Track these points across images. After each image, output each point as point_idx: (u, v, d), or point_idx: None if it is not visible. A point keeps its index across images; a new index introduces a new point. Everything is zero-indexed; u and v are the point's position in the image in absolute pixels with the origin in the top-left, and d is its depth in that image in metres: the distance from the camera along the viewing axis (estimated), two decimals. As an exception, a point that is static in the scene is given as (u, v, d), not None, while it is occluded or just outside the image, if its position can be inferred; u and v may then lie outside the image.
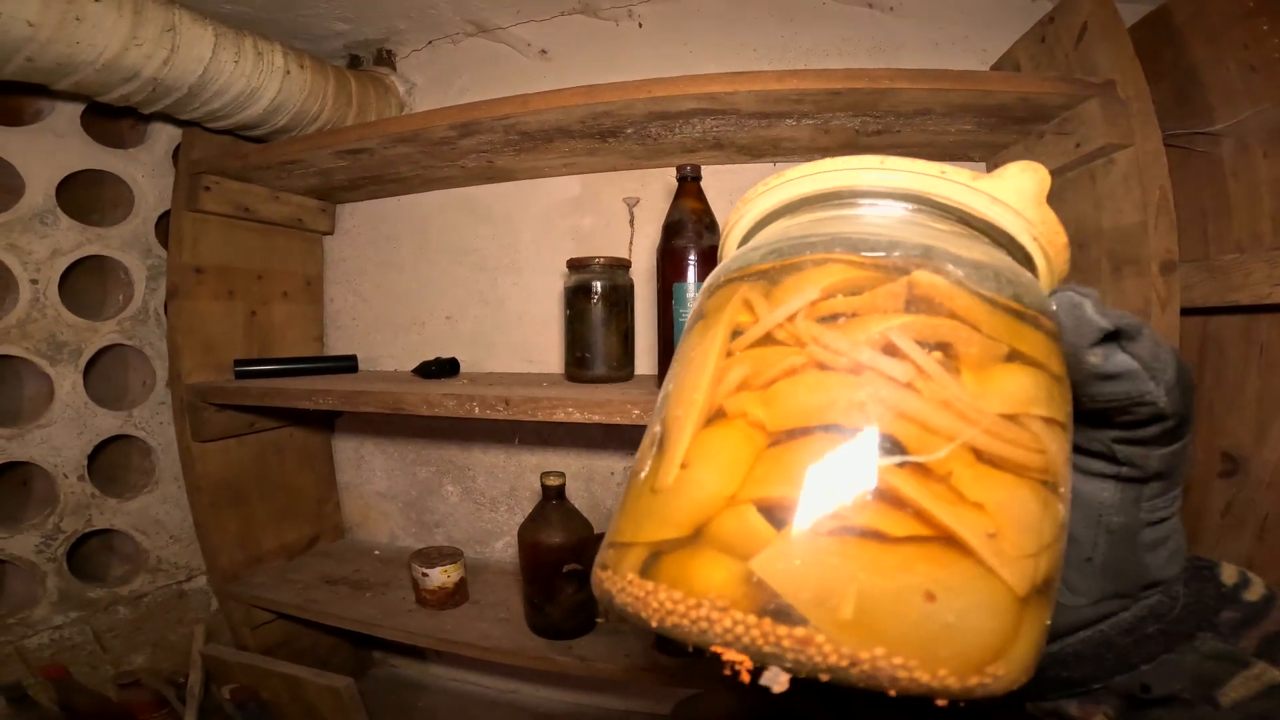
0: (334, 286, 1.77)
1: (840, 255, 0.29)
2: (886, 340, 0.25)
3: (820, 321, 0.27)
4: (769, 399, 0.26)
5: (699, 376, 0.28)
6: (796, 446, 0.24)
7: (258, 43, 1.24)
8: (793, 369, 0.26)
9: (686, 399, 0.28)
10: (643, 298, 1.37)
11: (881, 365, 0.25)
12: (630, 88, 1.05)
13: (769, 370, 0.26)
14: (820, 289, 0.27)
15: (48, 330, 1.30)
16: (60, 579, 1.32)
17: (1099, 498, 0.34)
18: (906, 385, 0.25)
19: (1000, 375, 0.26)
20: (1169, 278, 0.93)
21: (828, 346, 0.26)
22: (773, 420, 0.25)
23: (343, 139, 1.25)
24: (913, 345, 0.25)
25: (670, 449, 0.27)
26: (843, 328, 0.26)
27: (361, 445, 1.79)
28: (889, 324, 0.26)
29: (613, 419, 1.03)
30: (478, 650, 1.27)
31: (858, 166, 0.33)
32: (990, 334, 0.26)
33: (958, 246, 0.29)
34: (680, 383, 0.29)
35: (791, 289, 0.28)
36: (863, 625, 0.22)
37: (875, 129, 1.17)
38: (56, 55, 1.03)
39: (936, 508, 0.23)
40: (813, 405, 0.25)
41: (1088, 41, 1.01)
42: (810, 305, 0.27)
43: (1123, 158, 0.99)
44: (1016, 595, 0.23)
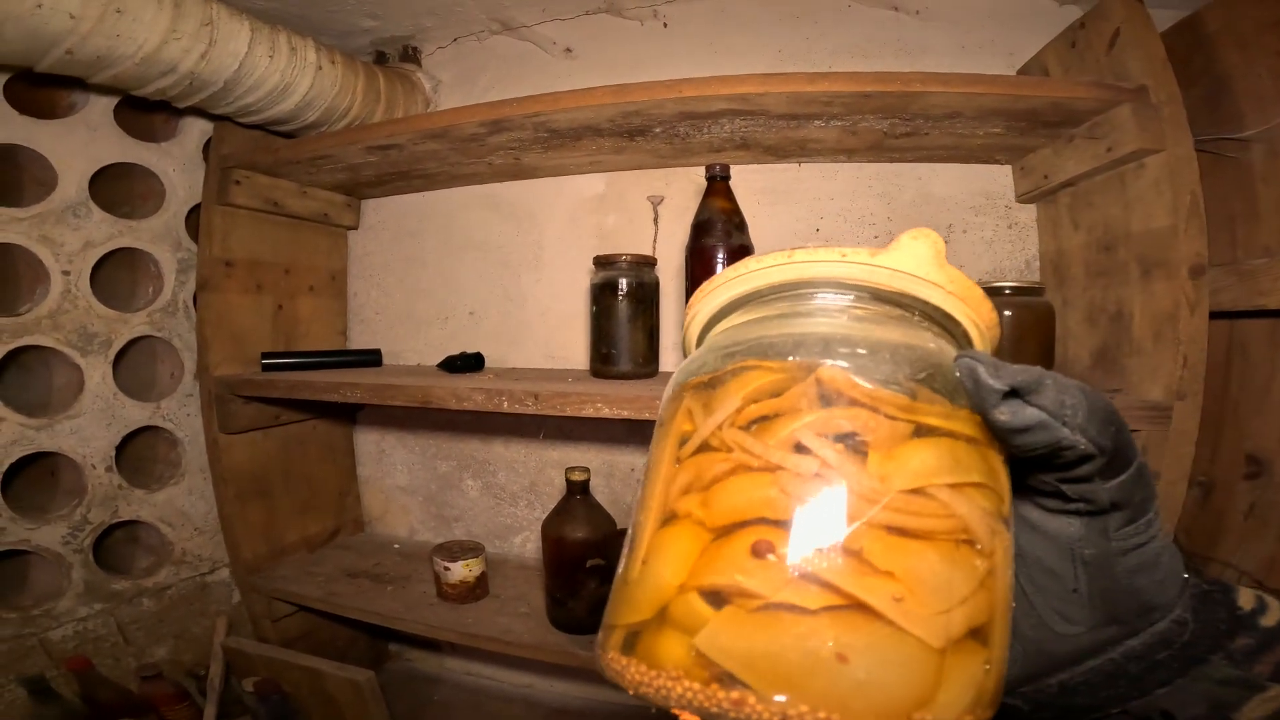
0: (358, 281, 1.77)
1: (755, 362, 0.33)
2: (795, 440, 0.29)
3: (745, 428, 0.31)
4: (707, 500, 0.30)
5: (655, 483, 0.33)
6: (729, 540, 0.28)
7: (291, 38, 1.25)
8: (723, 474, 0.30)
9: (646, 504, 0.33)
10: (667, 295, 1.37)
11: (791, 463, 0.28)
12: (660, 87, 1.06)
13: (706, 475, 0.31)
14: (741, 397, 0.32)
15: (79, 321, 1.31)
16: (86, 570, 1.33)
17: (1067, 532, 0.35)
18: (815, 477, 0.28)
19: (905, 453, 0.29)
20: (1198, 281, 0.94)
21: (748, 451, 0.30)
22: (711, 518, 0.29)
23: (373, 135, 1.25)
24: (818, 441, 0.29)
25: (637, 547, 0.32)
26: (759, 433, 0.30)
27: (383, 439, 1.80)
28: (796, 425, 0.29)
29: (641, 414, 1.04)
30: (500, 644, 1.28)
31: (770, 265, 0.36)
32: (893, 414, 0.30)
33: (865, 330, 0.33)
34: (644, 489, 0.34)
35: (720, 399, 0.32)
36: (788, 686, 0.25)
37: (904, 131, 1.17)
38: (96, 48, 1.04)
39: (843, 581, 0.26)
40: (740, 503, 0.29)
41: (1120, 47, 1.02)
42: (735, 414, 0.31)
43: (1154, 162, 0.99)
44: (932, 648, 0.26)
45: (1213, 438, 1.10)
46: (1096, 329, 1.13)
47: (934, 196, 1.36)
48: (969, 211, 1.35)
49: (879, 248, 0.34)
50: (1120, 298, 1.07)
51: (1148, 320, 1.01)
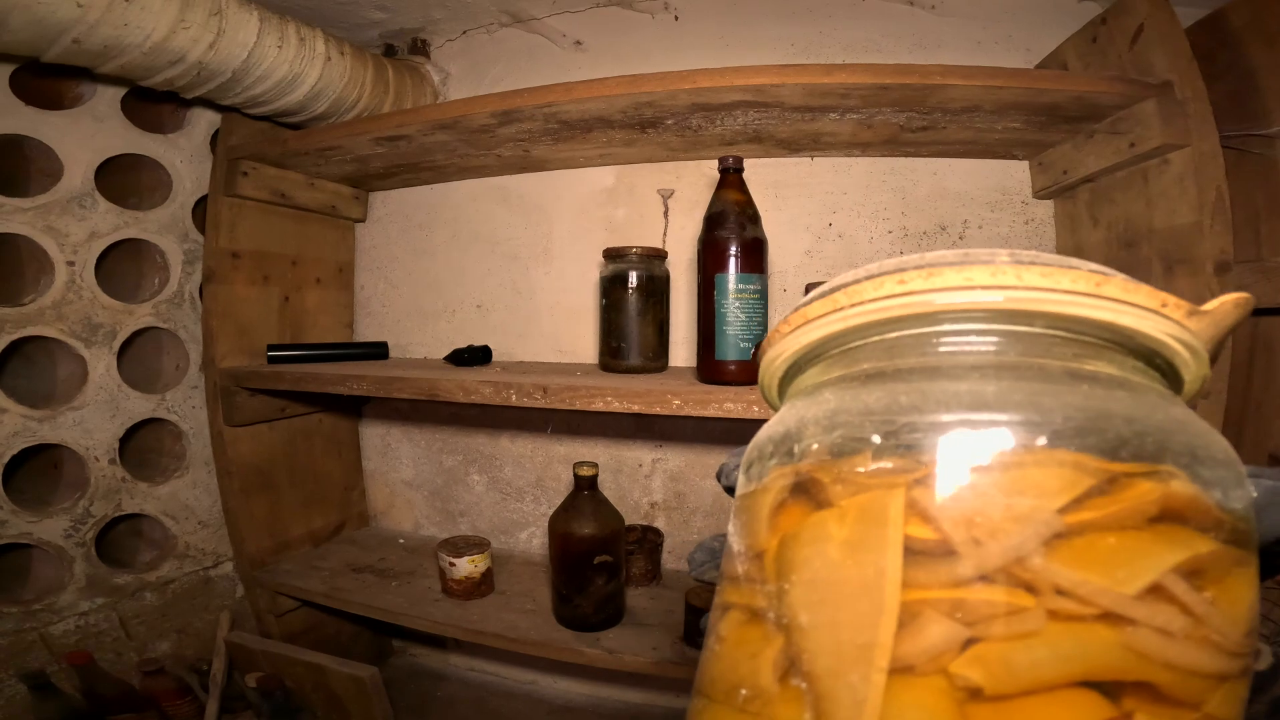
0: (365, 274, 1.76)
1: (1063, 448, 0.22)
2: (1156, 584, 0.21)
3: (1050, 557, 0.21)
4: (988, 658, 0.21)
5: (865, 625, 0.22)
6: (1037, 710, 0.20)
7: (300, 28, 1.24)
8: (1027, 631, 0.21)
9: (852, 656, 0.22)
10: (677, 289, 1.36)
11: (1149, 619, 0.21)
12: (675, 78, 1.04)
13: (985, 627, 0.21)
14: (1056, 508, 0.22)
15: (83, 312, 1.30)
16: (88, 564, 1.32)
17: None
18: (1175, 635, 0.21)
19: (1238, 588, 0.23)
20: (1224, 278, 0.93)
21: (1083, 599, 0.21)
22: (995, 684, 0.21)
23: (382, 125, 1.24)
24: (1185, 589, 0.21)
25: (835, 713, 0.22)
26: (1090, 564, 0.21)
27: (389, 433, 1.79)
28: (1160, 565, 0.21)
29: (652, 409, 1.02)
30: (505, 641, 1.27)
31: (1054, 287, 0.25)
32: (1226, 540, 0.23)
33: (1183, 432, 0.24)
34: (828, 616, 0.23)
35: (1005, 509, 0.22)
36: None
37: (921, 124, 1.15)
38: (104, 37, 1.03)
39: None
40: (1056, 666, 0.21)
41: (1144, 43, 1.00)
42: (1047, 539, 0.21)
43: (1178, 158, 0.98)
44: None
45: (1235, 437, 1.08)
46: (1118, 327, 1.11)
47: (949, 191, 1.34)
48: (984, 207, 1.33)
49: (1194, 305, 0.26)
50: (1142, 295, 1.05)
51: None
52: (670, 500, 1.54)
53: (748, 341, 1.05)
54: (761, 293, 1.07)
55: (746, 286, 1.05)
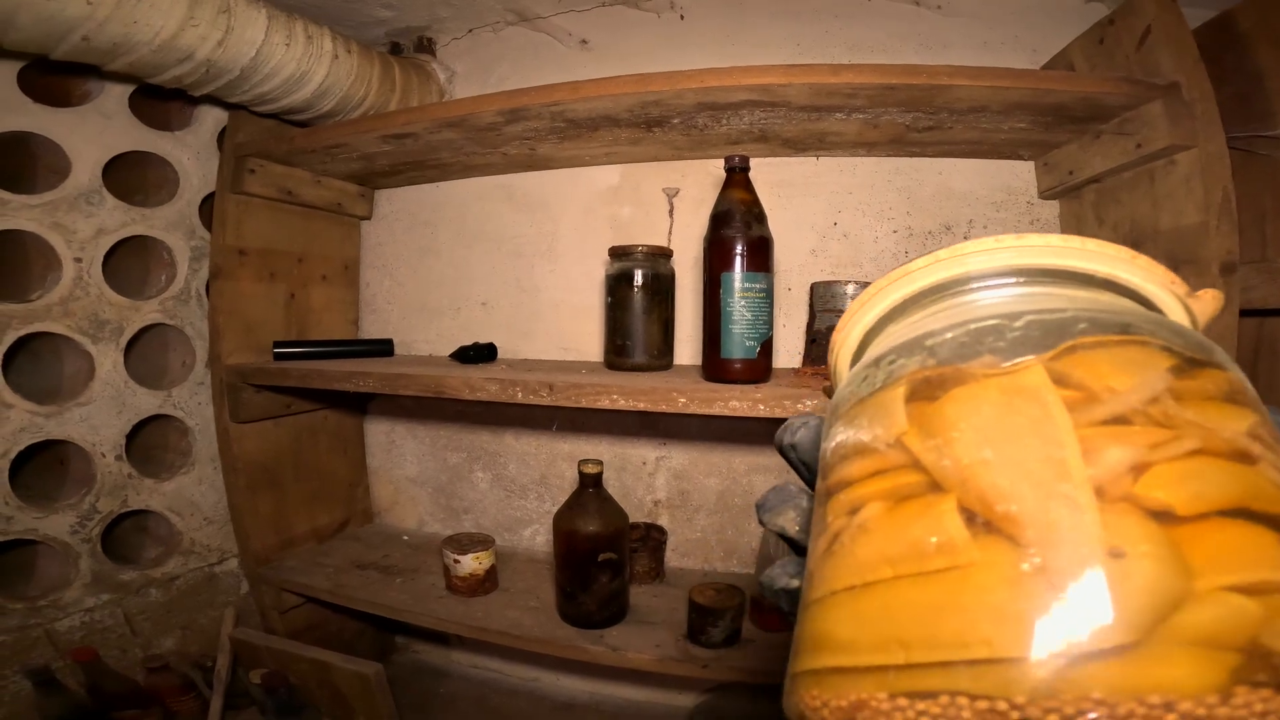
0: (370, 271, 1.77)
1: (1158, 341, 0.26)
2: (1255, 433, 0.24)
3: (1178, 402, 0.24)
4: (1170, 480, 0.22)
5: (1053, 448, 0.23)
6: (1224, 529, 0.22)
7: (308, 26, 1.24)
8: (1183, 453, 0.23)
9: (1053, 473, 0.23)
10: (683, 287, 1.37)
11: (1263, 455, 0.23)
12: (682, 77, 1.04)
13: (1154, 451, 0.23)
14: (1166, 368, 0.25)
15: (90, 309, 1.30)
16: (94, 560, 1.33)
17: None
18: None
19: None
20: (1229, 279, 0.93)
21: (1213, 433, 0.23)
22: (1186, 504, 0.22)
23: (389, 123, 1.24)
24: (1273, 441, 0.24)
25: (1067, 532, 0.22)
26: (1211, 413, 0.24)
27: (393, 429, 1.80)
28: (1250, 417, 0.24)
29: (658, 406, 1.02)
30: (509, 638, 1.27)
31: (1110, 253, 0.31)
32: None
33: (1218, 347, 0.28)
34: (1019, 454, 0.24)
35: (1118, 366, 0.25)
36: None
37: (927, 124, 1.15)
38: (113, 35, 1.03)
39: None
40: (1221, 489, 0.22)
41: (1151, 44, 1.00)
42: (1169, 387, 0.25)
43: (1185, 159, 0.98)
44: None
45: (1238, 439, 1.09)
46: (1123, 327, 1.12)
47: (955, 191, 1.34)
48: (990, 207, 1.33)
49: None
50: (1148, 296, 1.05)
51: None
52: (674, 498, 1.54)
53: (753, 340, 1.06)
54: (767, 291, 1.07)
55: (752, 285, 1.06)
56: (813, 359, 1.20)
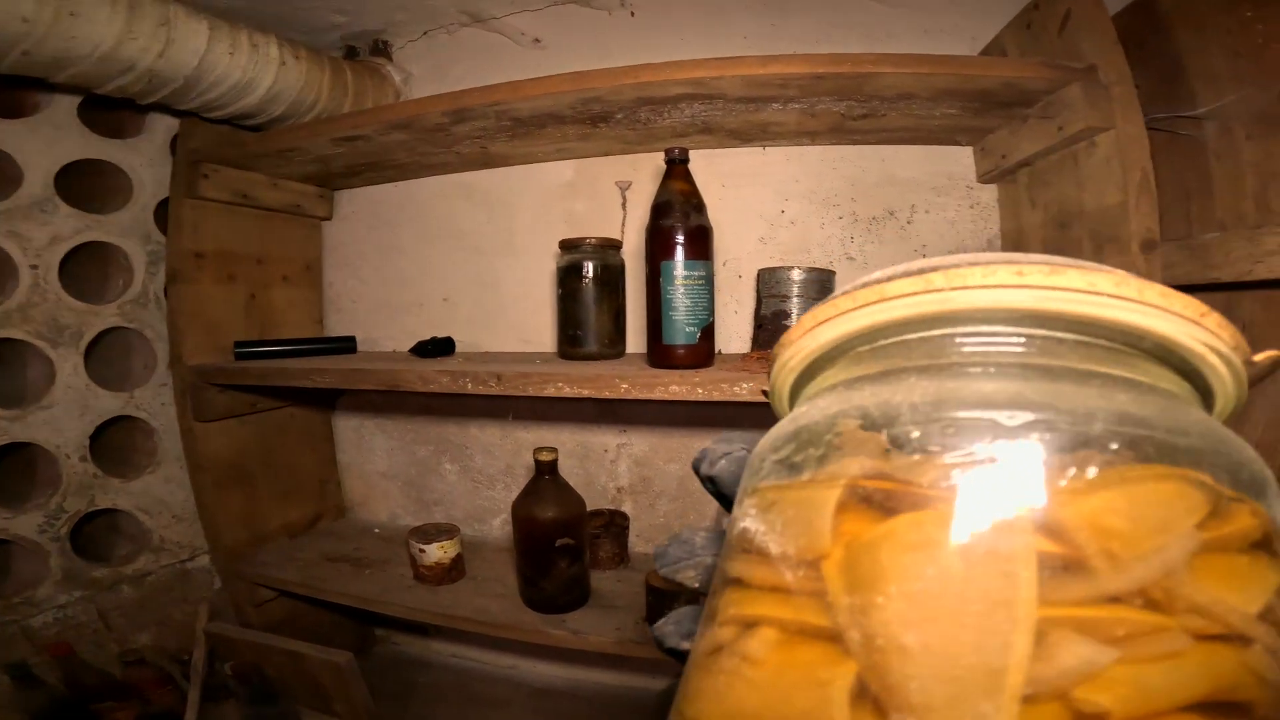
0: (333, 270, 1.79)
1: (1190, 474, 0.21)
2: (1270, 608, 0.20)
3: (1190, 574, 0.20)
4: (1117, 682, 0.19)
5: (995, 648, 0.19)
6: None
7: (253, 35, 1.26)
8: (1165, 653, 0.19)
9: (977, 683, 0.19)
10: (636, 278, 1.39)
11: (1263, 635, 0.20)
12: (618, 73, 1.07)
13: (1129, 646, 0.19)
14: (1194, 524, 0.20)
15: (49, 314, 1.33)
16: (64, 558, 1.35)
17: None
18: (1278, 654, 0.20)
19: None
20: (1150, 256, 0.95)
21: (1213, 616, 0.20)
22: (1124, 708, 0.18)
23: (339, 126, 1.27)
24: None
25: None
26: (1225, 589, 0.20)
27: (362, 425, 1.82)
28: (1271, 586, 0.20)
29: (602, 393, 1.05)
30: (474, 624, 1.30)
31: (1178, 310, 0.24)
32: None
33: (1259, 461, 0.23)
34: (946, 647, 0.19)
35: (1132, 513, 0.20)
36: None
37: (861, 113, 1.18)
38: (53, 49, 1.06)
39: None
40: (1186, 686, 0.19)
41: (1071, 28, 1.03)
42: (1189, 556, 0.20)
43: (1104, 140, 1.00)
44: None
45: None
46: (1053, 306, 1.14)
47: (897, 178, 1.37)
48: (931, 192, 1.36)
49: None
50: (1075, 274, 1.08)
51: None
52: (636, 484, 1.57)
53: (694, 326, 1.09)
54: (707, 279, 1.10)
55: (692, 273, 1.08)
56: (760, 344, 1.23)
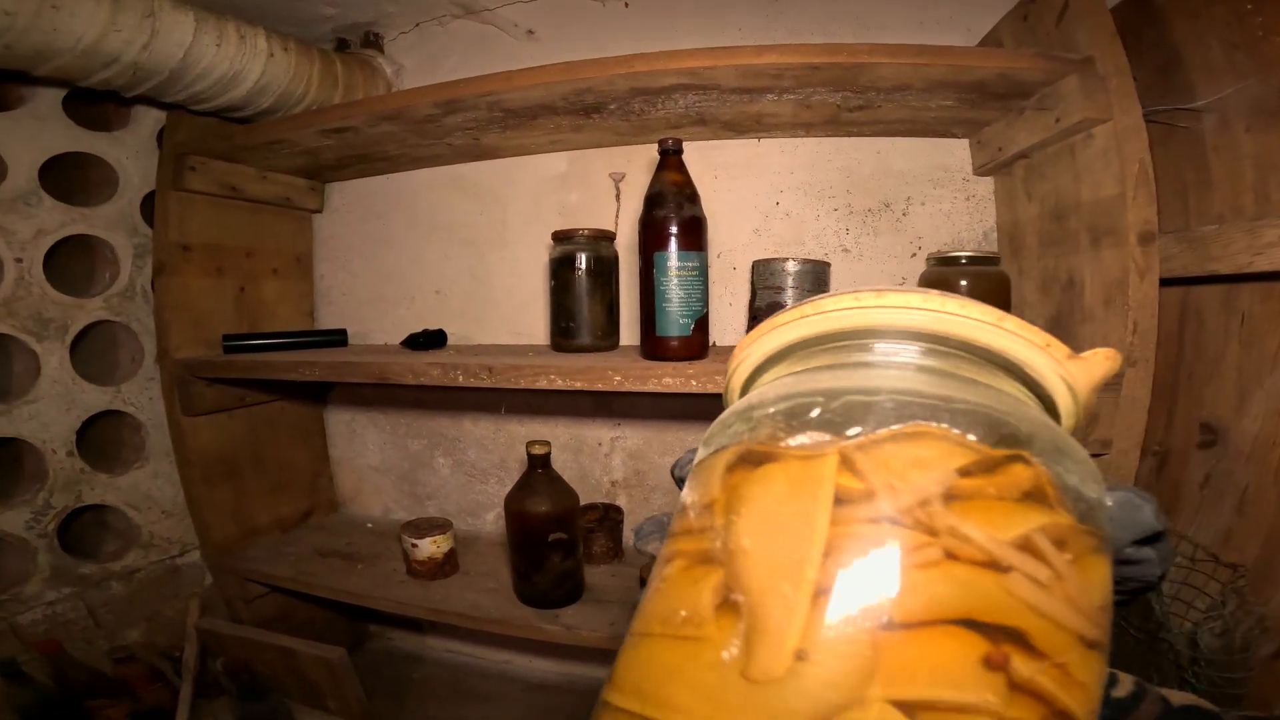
0: (324, 263, 1.78)
1: (960, 432, 0.28)
2: (1027, 539, 0.25)
3: (948, 500, 0.26)
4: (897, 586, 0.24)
5: (799, 544, 0.25)
6: (939, 644, 0.23)
7: (240, 27, 1.24)
8: (925, 561, 0.24)
9: (786, 570, 0.25)
10: (629, 269, 1.38)
11: (1025, 566, 0.25)
12: (611, 63, 1.05)
13: (903, 556, 0.25)
14: (954, 469, 0.26)
15: (33, 308, 1.31)
16: (52, 555, 1.34)
17: None
18: (1043, 584, 0.25)
19: (1093, 567, 0.27)
20: (1148, 248, 0.94)
21: (968, 539, 0.25)
22: (900, 610, 0.24)
23: (327, 118, 1.26)
24: (1049, 546, 0.25)
25: (772, 631, 0.24)
26: (978, 518, 0.25)
27: (354, 419, 1.81)
28: (1030, 524, 0.26)
29: (594, 386, 1.04)
30: (467, 619, 1.30)
31: (977, 318, 0.32)
32: (1085, 529, 0.27)
33: (1053, 434, 0.29)
34: (768, 544, 0.26)
35: (909, 459, 0.27)
36: None
37: (857, 104, 1.17)
38: (34, 42, 1.05)
39: (1063, 695, 0.24)
40: (949, 599, 0.24)
41: (1068, 20, 1.01)
42: (945, 490, 0.26)
43: (1101, 132, 0.99)
44: None
45: (1167, 406, 1.12)
46: (1050, 297, 1.14)
47: (893, 170, 1.36)
48: (927, 184, 1.35)
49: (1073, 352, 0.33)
50: (1071, 266, 1.08)
51: (1098, 288, 1.01)
52: (630, 478, 1.57)
53: (687, 318, 1.08)
54: (700, 270, 1.09)
55: (686, 264, 1.07)
56: (754, 336, 1.22)
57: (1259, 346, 0.97)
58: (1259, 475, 0.97)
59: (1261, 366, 0.96)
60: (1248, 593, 0.95)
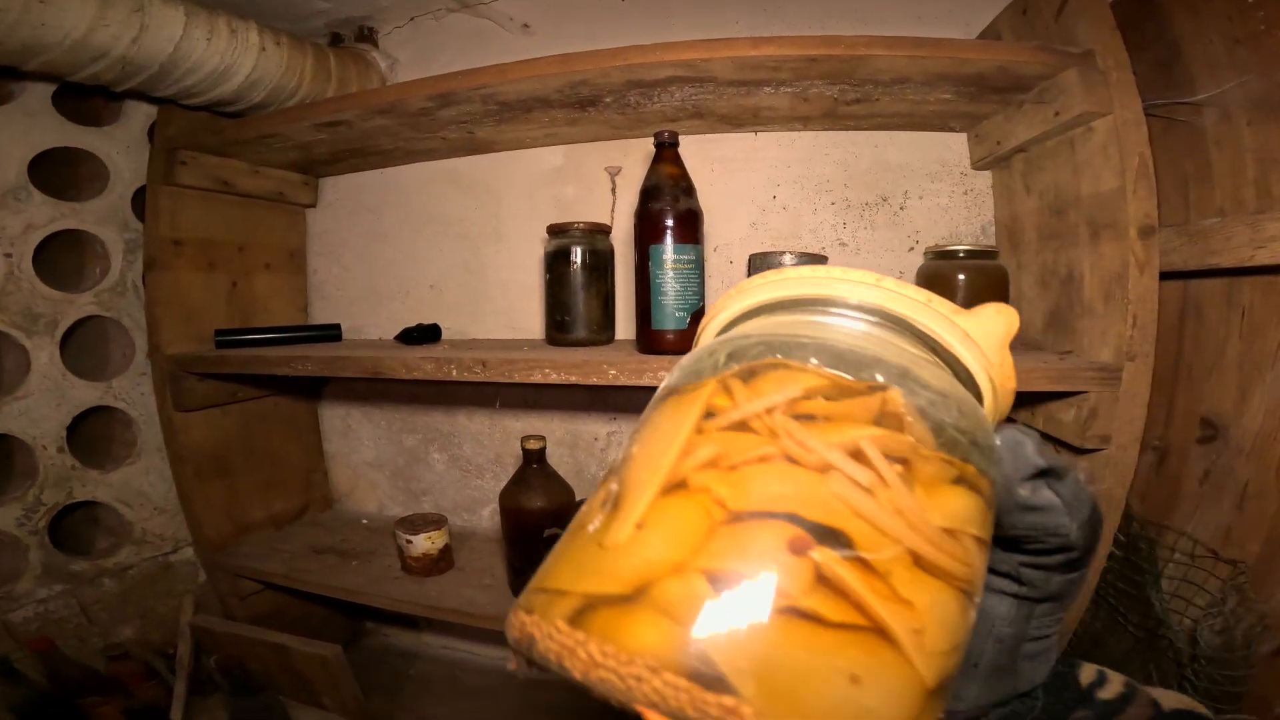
0: (318, 258, 1.76)
1: (821, 365, 0.31)
2: (856, 446, 0.28)
3: (796, 419, 0.29)
4: (735, 481, 0.27)
5: (666, 446, 0.30)
6: (755, 528, 0.26)
7: (231, 21, 1.23)
8: (763, 457, 0.28)
9: (651, 465, 0.30)
10: (625, 263, 1.37)
11: (847, 468, 0.27)
12: (606, 55, 1.04)
13: (739, 454, 0.28)
14: (802, 389, 0.30)
15: (23, 303, 1.30)
16: (43, 552, 1.33)
17: (996, 611, 0.37)
18: (867, 489, 0.27)
19: (946, 494, 0.29)
20: (1148, 241, 0.93)
21: (801, 443, 0.28)
22: (735, 500, 0.27)
23: (319, 111, 1.24)
24: (878, 455, 0.28)
25: (626, 509, 0.28)
26: (817, 429, 0.28)
27: (349, 414, 1.80)
28: (861, 433, 0.28)
29: (589, 379, 1.03)
30: (461, 616, 1.29)
31: (857, 280, 0.36)
32: (943, 458, 0.29)
33: (927, 374, 0.32)
34: (646, 448, 0.31)
35: (774, 384, 0.31)
36: (790, 700, 0.23)
37: (854, 97, 1.16)
38: (23, 37, 1.04)
39: (874, 601, 0.25)
40: (777, 493, 0.27)
41: (1068, 13, 1.01)
42: (789, 402, 0.30)
43: (1102, 125, 0.98)
44: (927, 688, 0.25)
45: (1167, 401, 1.11)
46: (1048, 291, 1.13)
47: (891, 164, 1.35)
48: (925, 178, 1.34)
49: (960, 307, 0.36)
50: (1070, 260, 1.07)
51: (1097, 281, 1.01)
52: (626, 474, 1.55)
53: (683, 311, 1.07)
54: (697, 263, 1.08)
55: (682, 257, 1.06)
56: (751, 332, 1.21)
57: (1260, 341, 0.96)
58: (1260, 471, 0.96)
59: (1263, 361, 0.95)
60: (1248, 590, 0.94)
